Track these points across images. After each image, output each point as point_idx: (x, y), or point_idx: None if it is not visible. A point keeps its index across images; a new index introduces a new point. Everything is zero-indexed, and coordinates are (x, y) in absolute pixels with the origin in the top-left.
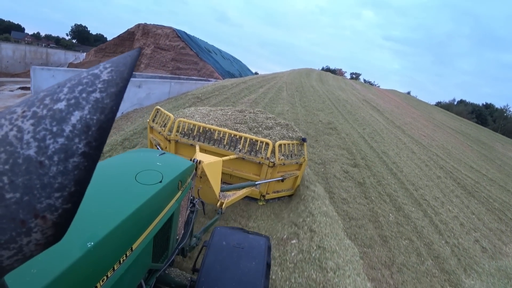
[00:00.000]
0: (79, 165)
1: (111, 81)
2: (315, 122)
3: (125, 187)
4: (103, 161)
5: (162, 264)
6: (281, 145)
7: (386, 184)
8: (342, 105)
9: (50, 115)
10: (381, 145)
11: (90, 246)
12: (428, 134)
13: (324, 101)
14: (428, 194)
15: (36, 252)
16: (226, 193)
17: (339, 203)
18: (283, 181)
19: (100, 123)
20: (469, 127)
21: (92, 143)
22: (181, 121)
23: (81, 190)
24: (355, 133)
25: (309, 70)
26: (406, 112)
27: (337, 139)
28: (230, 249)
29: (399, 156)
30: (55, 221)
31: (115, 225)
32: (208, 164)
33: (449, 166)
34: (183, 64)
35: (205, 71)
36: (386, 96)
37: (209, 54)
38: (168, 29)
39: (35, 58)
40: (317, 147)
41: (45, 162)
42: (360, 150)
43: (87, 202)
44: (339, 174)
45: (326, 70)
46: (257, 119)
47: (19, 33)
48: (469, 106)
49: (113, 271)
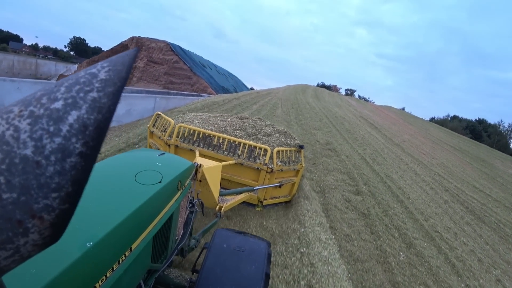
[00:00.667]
0: (76, 165)
1: (108, 81)
2: (313, 143)
3: (124, 187)
4: (103, 160)
5: (161, 265)
6: (279, 151)
7: (393, 214)
8: (340, 123)
9: (47, 115)
10: (383, 167)
11: (89, 246)
12: (427, 151)
13: (321, 119)
14: (439, 224)
15: (34, 252)
16: (225, 198)
17: (342, 240)
18: (280, 187)
19: (98, 122)
20: (466, 144)
21: (90, 142)
22: (181, 127)
23: (78, 190)
24: (355, 154)
25: (304, 86)
26: (403, 129)
27: (336, 161)
28: (231, 251)
29: (403, 180)
30: (52, 222)
31: (114, 225)
32: (208, 168)
33: (453, 187)
34: (176, 78)
35: (198, 86)
36: (382, 112)
37: (203, 69)
38: (162, 42)
39: (23, 69)
40: (315, 171)
41: (42, 162)
42: (362, 174)
43: (86, 202)
44: (341, 204)
45: (321, 86)
46: (256, 126)
47: (17, 44)
48: (463, 122)
49: (112, 271)
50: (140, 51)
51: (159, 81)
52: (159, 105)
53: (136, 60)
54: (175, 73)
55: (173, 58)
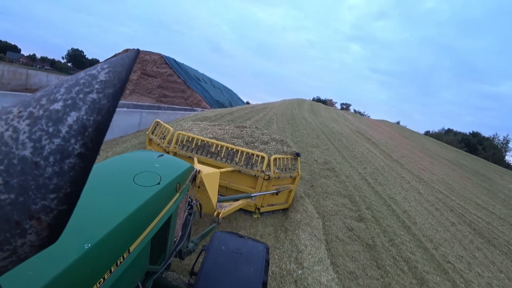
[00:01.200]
0: (75, 166)
1: (108, 82)
2: (310, 162)
3: (123, 189)
4: (102, 162)
5: (160, 267)
6: (276, 159)
7: (401, 243)
8: (338, 139)
9: (46, 116)
10: (386, 188)
11: (87, 248)
12: (426, 167)
13: (318, 135)
14: (450, 253)
15: (31, 254)
16: (223, 204)
17: (345, 279)
18: (277, 194)
19: (97, 124)
20: (463, 158)
21: (89, 144)
22: (180, 134)
23: (76, 191)
24: (355, 174)
25: (300, 101)
26: (401, 144)
27: (336, 183)
28: (229, 254)
29: (407, 201)
30: (50, 223)
31: (113, 227)
32: (206, 174)
33: (456, 205)
34: (169, 92)
35: (192, 100)
36: (378, 126)
37: (198, 83)
38: (157, 55)
39: (13, 79)
40: (313, 195)
41: (41, 163)
42: (364, 196)
43: (85, 203)
44: (343, 233)
45: (317, 100)
46: (253, 134)
47: (14, 54)
48: (458, 136)
49: (110, 273)
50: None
51: (152, 94)
52: (145, 120)
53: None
54: (169, 86)
55: (167, 71)
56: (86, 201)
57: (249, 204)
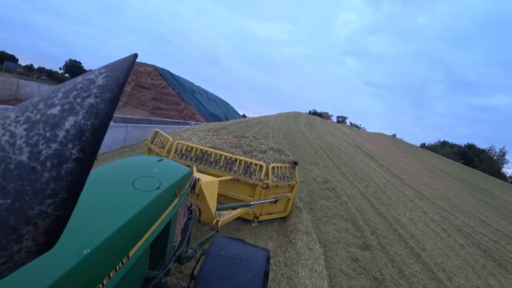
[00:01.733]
0: (72, 171)
1: (106, 87)
2: (309, 182)
3: (122, 193)
4: (101, 166)
5: (159, 272)
6: (274, 167)
7: (411, 275)
8: (337, 155)
9: (43, 120)
10: (390, 208)
11: (86, 253)
12: (426, 182)
13: (317, 151)
14: (466, 284)
15: (28, 259)
16: (222, 212)
17: None
18: (275, 203)
19: (94, 128)
20: (462, 171)
21: (86, 148)
22: (179, 143)
23: (74, 196)
24: (357, 193)
25: (297, 114)
26: (399, 157)
27: (337, 205)
28: (228, 259)
29: (413, 223)
30: (47, 228)
31: (112, 232)
32: (205, 183)
33: (461, 223)
34: (163, 104)
35: (186, 113)
36: (375, 140)
37: (192, 95)
38: (151, 67)
39: (2, 89)
40: (313, 220)
41: (38, 167)
42: (368, 220)
43: (84, 208)
44: (347, 265)
45: (313, 113)
46: (251, 144)
47: (11, 64)
48: (454, 148)
49: (109, 278)
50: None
51: (145, 107)
52: (131, 135)
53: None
54: (163, 98)
55: (162, 83)
56: (85, 206)
57: (248, 213)
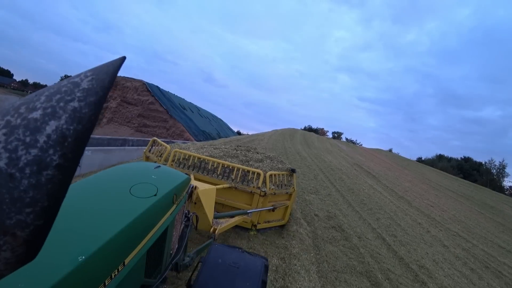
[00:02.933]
0: (53, 179)
1: (90, 90)
2: (310, 218)
3: (119, 200)
4: (98, 173)
5: (155, 280)
6: (272, 175)
7: None
8: (339, 178)
9: (24, 125)
10: (409, 248)
11: (81, 260)
12: (433, 202)
13: (316, 175)
14: None
15: (7, 271)
16: (219, 220)
17: None
18: (273, 211)
19: (77, 133)
20: (466, 187)
21: (68, 155)
22: (177, 152)
23: (55, 205)
24: (368, 230)
25: (292, 131)
26: (400, 175)
27: (346, 250)
28: (225, 267)
29: (440, 267)
30: (26, 239)
31: (108, 239)
32: (203, 191)
33: (482, 254)
34: (150, 121)
35: (174, 130)
36: (374, 156)
37: (182, 112)
38: (138, 82)
39: None
40: (318, 279)
41: (16, 174)
42: (388, 271)
43: (80, 214)
44: None
45: (308, 129)
46: (248, 154)
47: (6, 79)
48: (453, 162)
49: (104, 286)
50: (114, 90)
51: (131, 124)
52: (89, 162)
53: (108, 100)
54: (150, 115)
55: (149, 99)
56: (81, 212)
57: (246, 221)
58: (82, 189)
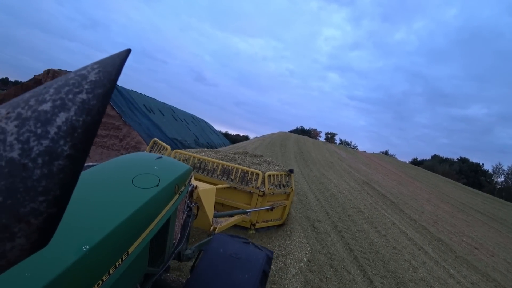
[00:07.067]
0: (64, 168)
1: (98, 82)
2: None
3: (121, 191)
4: (100, 164)
5: (159, 269)
6: (270, 175)
7: None
8: (358, 231)
9: (34, 117)
10: None
11: (86, 250)
12: (466, 234)
13: (318, 218)
14: None
15: (21, 258)
16: (219, 219)
17: None
18: (272, 210)
19: (86, 124)
20: (491, 204)
21: (78, 145)
22: (177, 152)
23: (66, 194)
24: None
25: (283, 137)
26: (415, 190)
27: None
28: (226, 257)
29: None
30: (39, 226)
31: (111, 229)
32: (203, 190)
33: None
34: (100, 129)
35: (129, 141)
36: (377, 164)
37: (145, 116)
38: None
39: None
40: None
41: (29, 164)
42: None
43: (84, 205)
44: None
45: (301, 131)
46: (245, 158)
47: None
48: (455, 166)
49: (109, 275)
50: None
51: None
52: None
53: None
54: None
55: None
56: (85, 203)
57: (245, 220)
58: (85, 180)
